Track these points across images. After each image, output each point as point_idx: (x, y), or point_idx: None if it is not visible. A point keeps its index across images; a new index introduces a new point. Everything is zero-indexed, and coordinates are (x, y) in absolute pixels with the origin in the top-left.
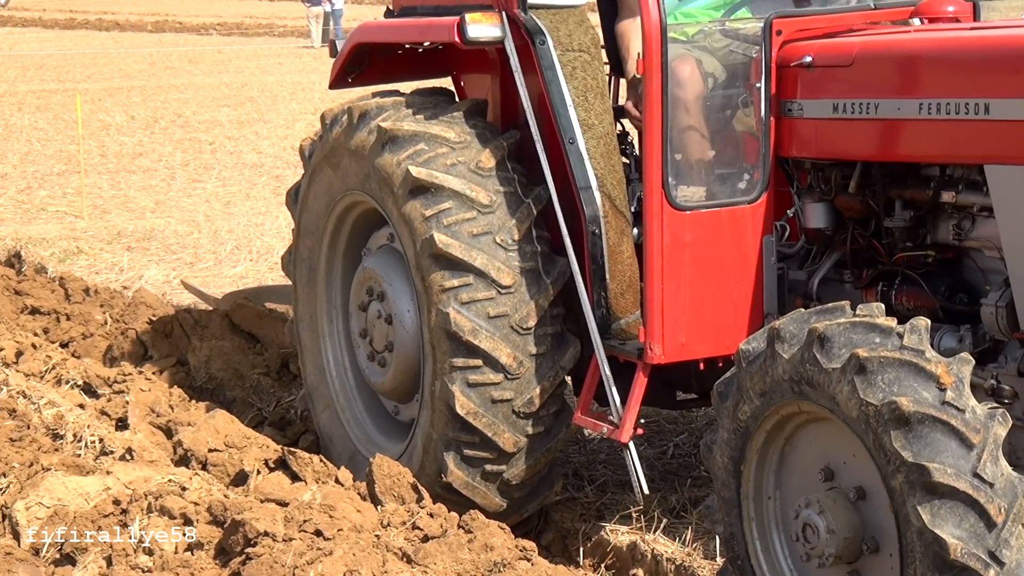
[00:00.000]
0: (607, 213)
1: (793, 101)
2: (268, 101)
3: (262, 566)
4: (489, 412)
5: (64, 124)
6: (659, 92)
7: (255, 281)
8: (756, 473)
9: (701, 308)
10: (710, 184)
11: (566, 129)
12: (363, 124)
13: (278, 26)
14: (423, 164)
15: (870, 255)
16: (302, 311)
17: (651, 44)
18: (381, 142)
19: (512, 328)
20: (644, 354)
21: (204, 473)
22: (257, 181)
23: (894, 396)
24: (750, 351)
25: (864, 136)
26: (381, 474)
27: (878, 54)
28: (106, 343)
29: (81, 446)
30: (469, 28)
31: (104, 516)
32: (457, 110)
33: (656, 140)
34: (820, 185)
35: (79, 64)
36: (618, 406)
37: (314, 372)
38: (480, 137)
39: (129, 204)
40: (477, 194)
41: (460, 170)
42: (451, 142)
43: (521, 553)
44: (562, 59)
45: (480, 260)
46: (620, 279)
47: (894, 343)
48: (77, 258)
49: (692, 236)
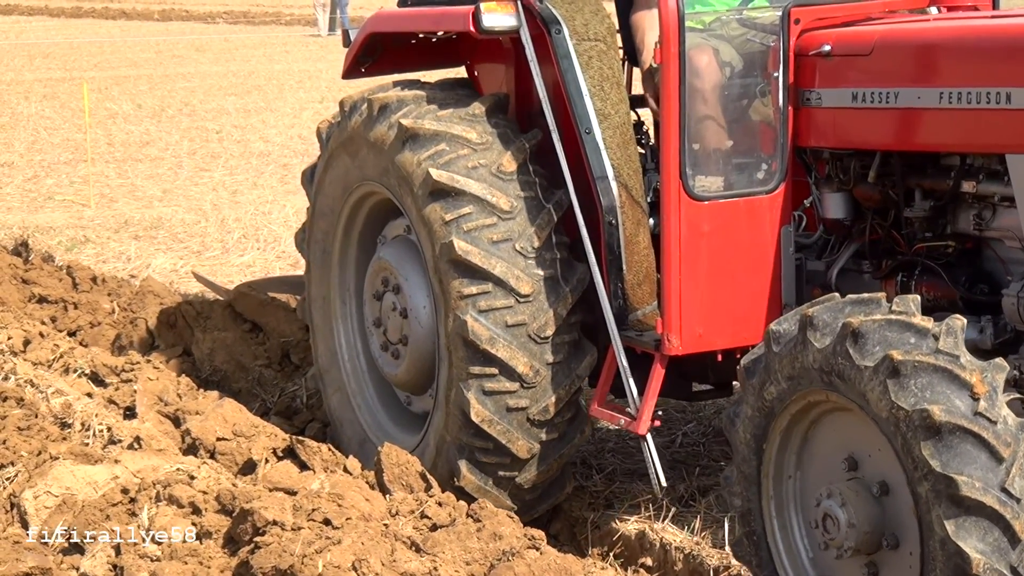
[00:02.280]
0: (624, 203)
1: (811, 90)
2: (275, 89)
3: (271, 555)
4: (504, 420)
5: (71, 113)
6: (676, 82)
7: (262, 270)
8: (778, 454)
9: (719, 299)
10: (728, 174)
11: (582, 119)
12: (383, 117)
13: (285, 14)
14: (444, 166)
15: (889, 245)
16: (315, 292)
17: (668, 33)
18: (401, 139)
19: (530, 337)
20: (661, 345)
21: (212, 462)
22: (264, 170)
23: (926, 404)
24: (781, 333)
25: (883, 125)
26: (389, 463)
27: (898, 43)
28: (114, 332)
29: (89, 435)
30: (484, 17)
31: (112, 505)
32: (479, 106)
33: (673, 130)
34: (838, 175)
35: (86, 53)
36: (635, 398)
37: (325, 354)
38: (502, 138)
39: (136, 193)
40: (498, 199)
41: (481, 174)
42: (473, 143)
43: (530, 542)
44: (578, 48)
45: (499, 268)
46: (637, 270)
47: (929, 346)
48: (84, 247)
49: (710, 227)
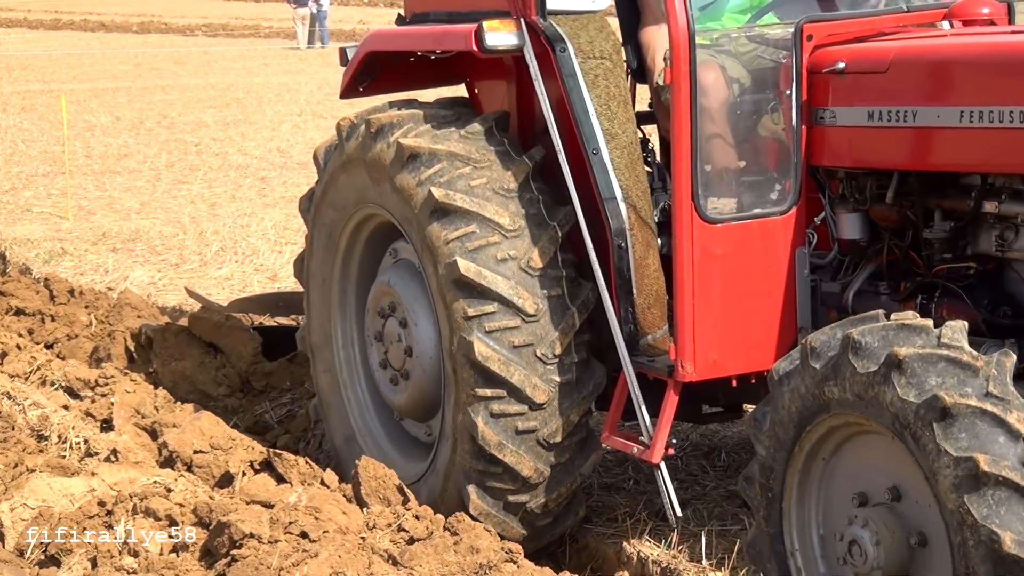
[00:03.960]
0: (633, 225)
1: (825, 108)
2: (254, 102)
3: (247, 568)
4: (513, 443)
5: (49, 125)
6: (687, 101)
7: (241, 282)
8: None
9: (733, 323)
10: (740, 195)
11: (589, 139)
12: (381, 138)
13: (264, 27)
14: (445, 185)
15: (907, 267)
16: (315, 321)
17: (679, 52)
18: (401, 159)
19: (537, 357)
20: (675, 372)
21: (189, 475)
22: (243, 182)
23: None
24: (819, 348)
25: (901, 145)
26: (367, 476)
27: (916, 60)
28: (91, 344)
29: (66, 447)
30: (487, 36)
31: (89, 517)
32: (479, 125)
33: (685, 151)
34: (854, 195)
35: (64, 65)
36: (648, 425)
37: (327, 385)
38: (504, 155)
39: (114, 205)
40: (501, 217)
41: (484, 191)
42: (474, 161)
43: (507, 555)
44: (583, 67)
45: (505, 287)
46: (647, 293)
47: (979, 388)
48: (62, 259)
49: (723, 250)
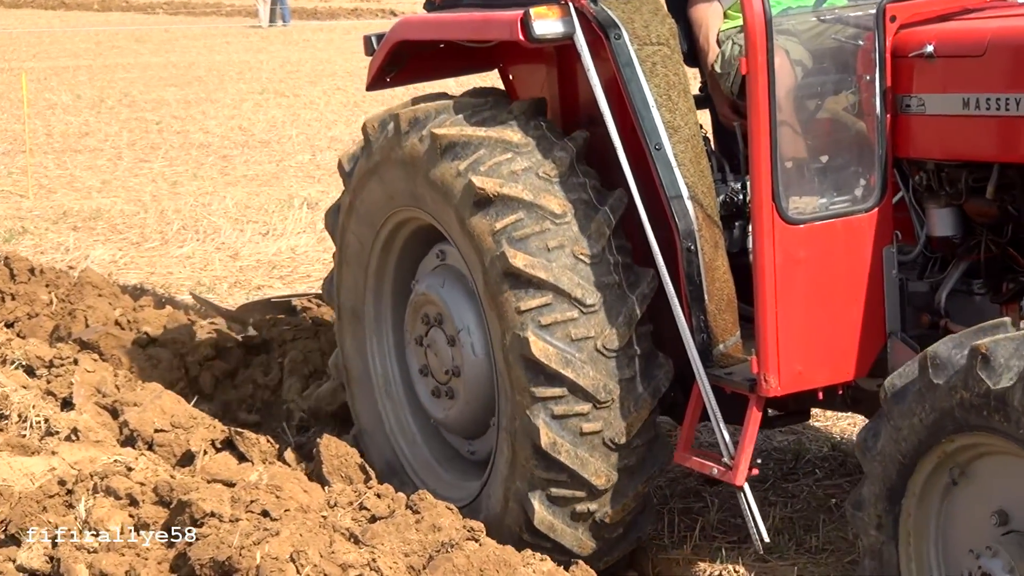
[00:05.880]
0: (701, 225)
1: (911, 96)
2: (215, 81)
3: (208, 546)
4: (577, 446)
5: (9, 103)
6: (766, 95)
7: (202, 260)
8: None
9: (818, 332)
10: (823, 193)
11: (651, 133)
12: (413, 131)
13: (225, 5)
14: (486, 173)
15: (1005, 264)
16: (349, 346)
17: (755, 40)
18: (436, 150)
19: (598, 351)
20: (757, 386)
21: (150, 454)
22: (204, 161)
23: None
24: (943, 361)
25: (1002, 135)
26: (328, 454)
27: (1017, 42)
28: (52, 323)
29: (26, 426)
30: (535, 25)
31: (49, 497)
32: (516, 110)
33: (764, 148)
34: (945, 188)
35: (24, 43)
36: (728, 444)
37: (366, 412)
38: (545, 139)
39: (75, 184)
40: (549, 203)
41: (528, 177)
42: (514, 146)
43: (469, 533)
44: (640, 54)
45: (560, 276)
46: (718, 298)
47: None
48: (22, 238)
49: (806, 252)
